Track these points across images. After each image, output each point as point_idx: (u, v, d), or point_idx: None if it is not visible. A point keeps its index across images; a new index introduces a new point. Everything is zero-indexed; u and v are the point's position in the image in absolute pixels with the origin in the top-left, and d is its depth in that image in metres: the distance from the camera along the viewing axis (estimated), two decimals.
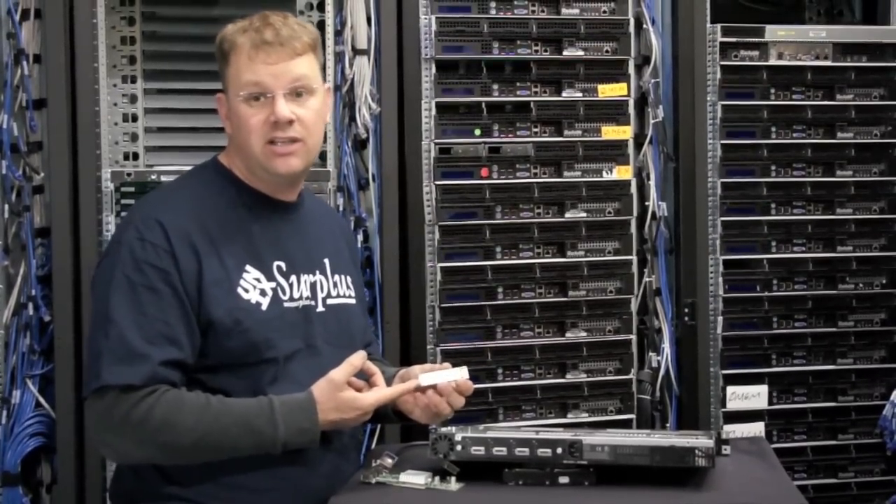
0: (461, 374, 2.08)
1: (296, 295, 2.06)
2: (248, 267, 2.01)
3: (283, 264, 2.06)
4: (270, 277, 2.04)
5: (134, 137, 2.85)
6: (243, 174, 2.09)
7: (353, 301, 2.20)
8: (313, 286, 2.11)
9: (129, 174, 2.72)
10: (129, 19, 2.84)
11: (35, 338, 2.67)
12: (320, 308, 2.11)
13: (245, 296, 1.99)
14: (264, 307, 2.01)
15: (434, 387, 2.07)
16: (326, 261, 2.16)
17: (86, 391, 1.95)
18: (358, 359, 1.99)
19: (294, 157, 2.03)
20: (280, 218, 2.11)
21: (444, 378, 2.07)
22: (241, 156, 2.07)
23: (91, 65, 2.70)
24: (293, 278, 2.07)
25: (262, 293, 2.01)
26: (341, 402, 1.96)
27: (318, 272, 2.13)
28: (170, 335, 1.92)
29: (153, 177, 2.71)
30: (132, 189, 2.70)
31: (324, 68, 2.21)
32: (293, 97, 2.02)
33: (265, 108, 2.01)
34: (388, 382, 2.15)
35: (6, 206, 2.66)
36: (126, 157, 2.84)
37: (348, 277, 2.21)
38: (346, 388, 1.97)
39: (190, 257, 1.96)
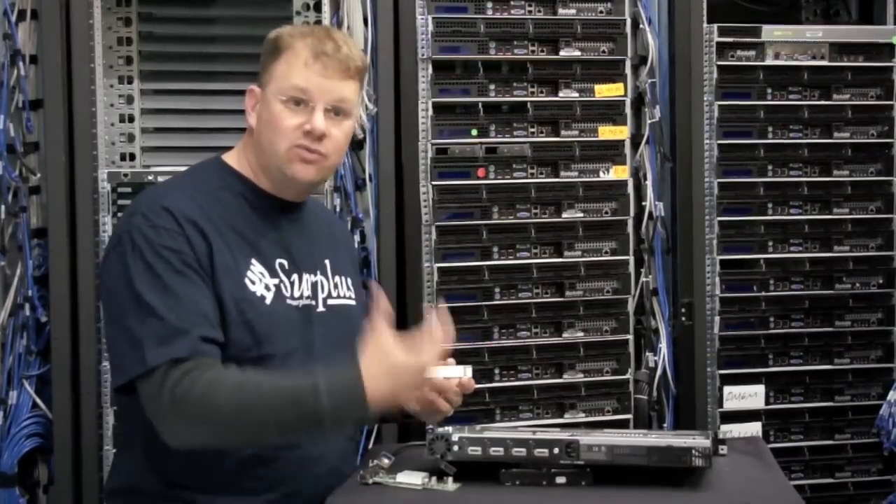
0: (464, 371, 2.08)
1: (297, 293, 2.06)
2: (253, 260, 2.01)
3: (285, 262, 2.06)
4: (273, 274, 2.03)
5: (130, 138, 2.85)
6: (251, 172, 2.08)
7: (353, 302, 2.20)
8: (314, 286, 2.10)
9: (125, 175, 2.72)
10: (126, 20, 2.84)
11: (32, 339, 2.67)
12: (321, 308, 2.10)
13: (251, 287, 1.98)
14: (268, 301, 2.00)
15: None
16: (327, 262, 2.16)
17: (125, 377, 1.89)
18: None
19: (313, 168, 2.03)
20: (283, 216, 2.10)
21: (446, 374, 2.07)
22: (259, 152, 2.06)
23: (87, 65, 2.70)
24: (294, 276, 2.06)
25: (267, 288, 2.01)
26: (391, 365, 1.83)
27: (318, 272, 2.12)
28: (203, 313, 1.89)
29: (150, 177, 2.71)
30: (129, 190, 2.70)
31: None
32: (331, 114, 2.02)
33: (302, 115, 2.01)
34: None
35: (2, 207, 2.66)
36: (123, 158, 2.84)
37: (348, 279, 2.20)
38: (394, 351, 1.84)
39: (200, 240, 1.94)
